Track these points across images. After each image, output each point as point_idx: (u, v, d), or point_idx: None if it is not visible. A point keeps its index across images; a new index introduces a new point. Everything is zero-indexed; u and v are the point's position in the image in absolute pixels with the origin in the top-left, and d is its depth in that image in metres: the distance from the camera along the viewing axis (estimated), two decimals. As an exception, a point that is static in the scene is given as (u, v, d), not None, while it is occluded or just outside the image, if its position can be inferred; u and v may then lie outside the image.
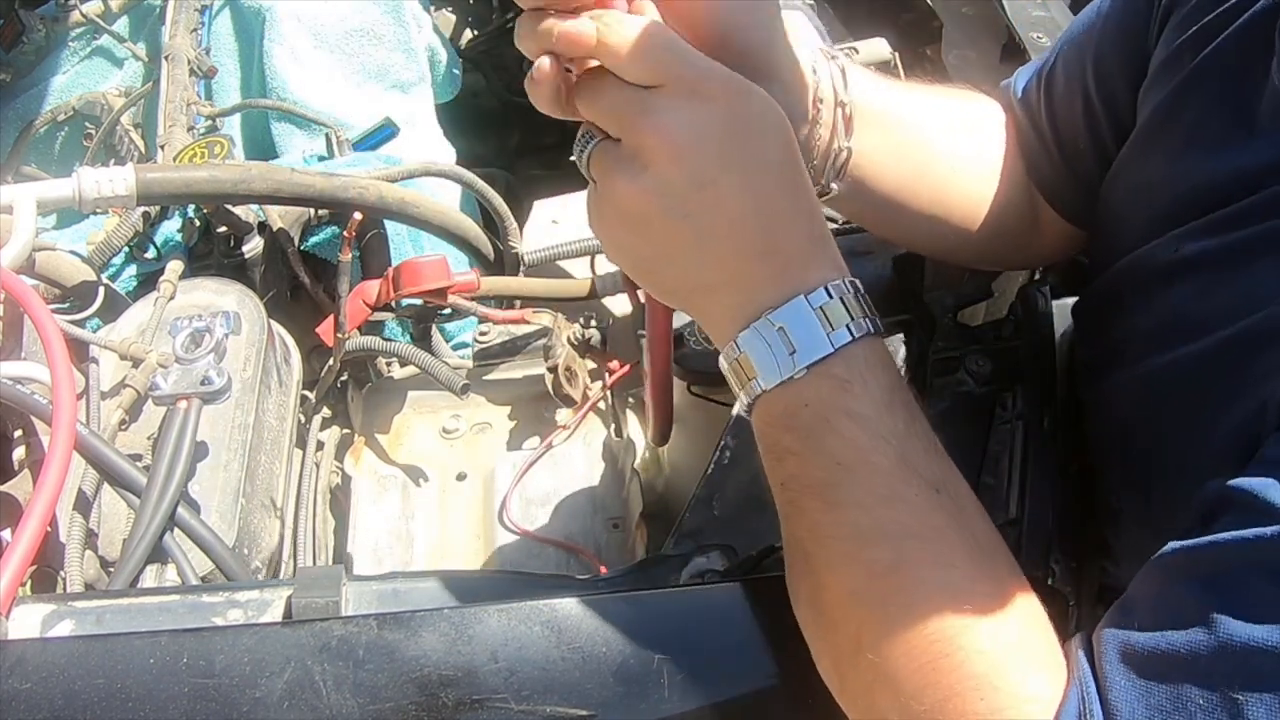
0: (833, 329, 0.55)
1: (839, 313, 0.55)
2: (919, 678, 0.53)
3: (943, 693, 0.53)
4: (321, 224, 1.15)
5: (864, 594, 0.55)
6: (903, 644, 0.54)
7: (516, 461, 1.06)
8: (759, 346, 0.55)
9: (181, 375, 0.85)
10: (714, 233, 0.55)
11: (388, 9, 1.42)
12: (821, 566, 0.57)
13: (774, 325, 0.55)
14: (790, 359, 0.54)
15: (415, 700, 0.58)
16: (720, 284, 0.56)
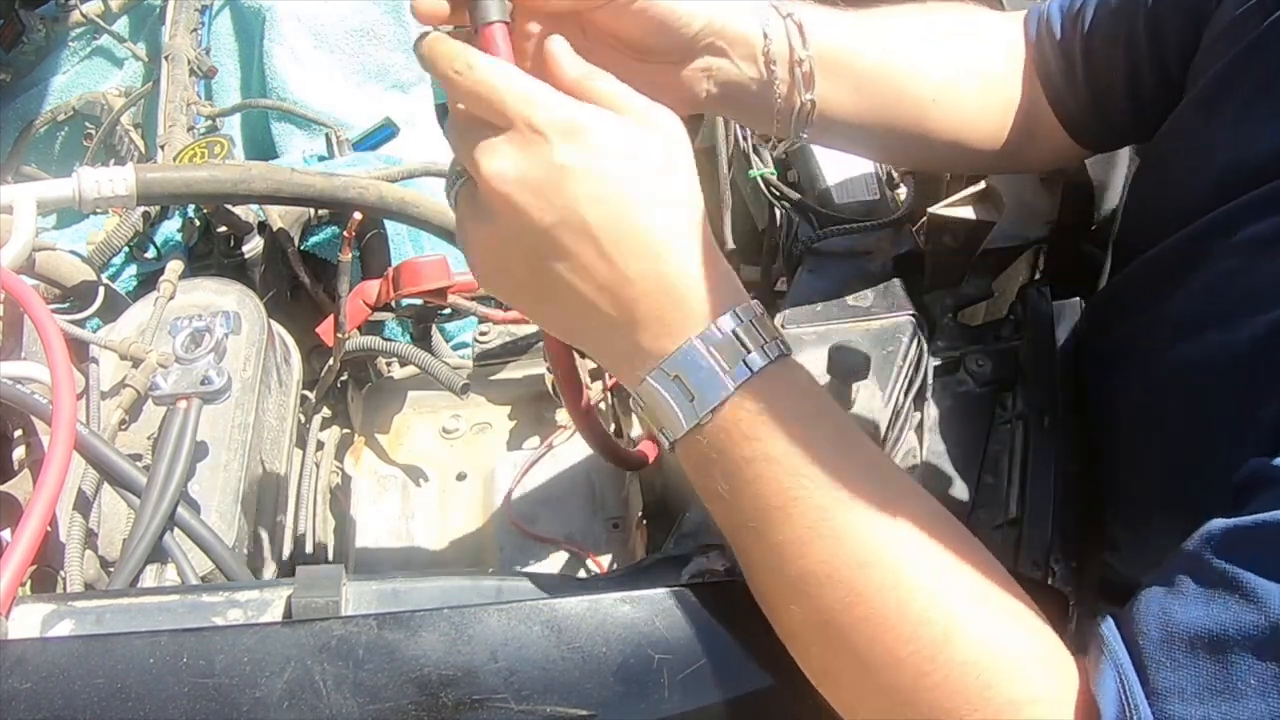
0: (728, 369, 0.52)
1: (734, 349, 0.52)
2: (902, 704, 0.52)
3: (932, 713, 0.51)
4: (321, 224, 1.15)
5: (824, 630, 0.54)
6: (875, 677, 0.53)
7: (516, 461, 1.06)
8: (659, 398, 0.53)
9: (181, 375, 0.85)
10: (578, 279, 0.52)
11: (388, 9, 1.42)
12: (775, 602, 0.57)
13: (669, 374, 0.53)
14: (691, 407, 0.52)
15: (415, 700, 0.58)
16: (603, 331, 0.54)
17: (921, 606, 0.52)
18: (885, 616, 0.52)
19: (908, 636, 0.52)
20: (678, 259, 0.53)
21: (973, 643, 0.52)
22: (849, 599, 0.53)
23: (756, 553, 0.56)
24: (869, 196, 0.99)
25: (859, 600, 0.53)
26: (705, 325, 0.52)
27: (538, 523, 1.01)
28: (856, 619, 0.53)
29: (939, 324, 0.91)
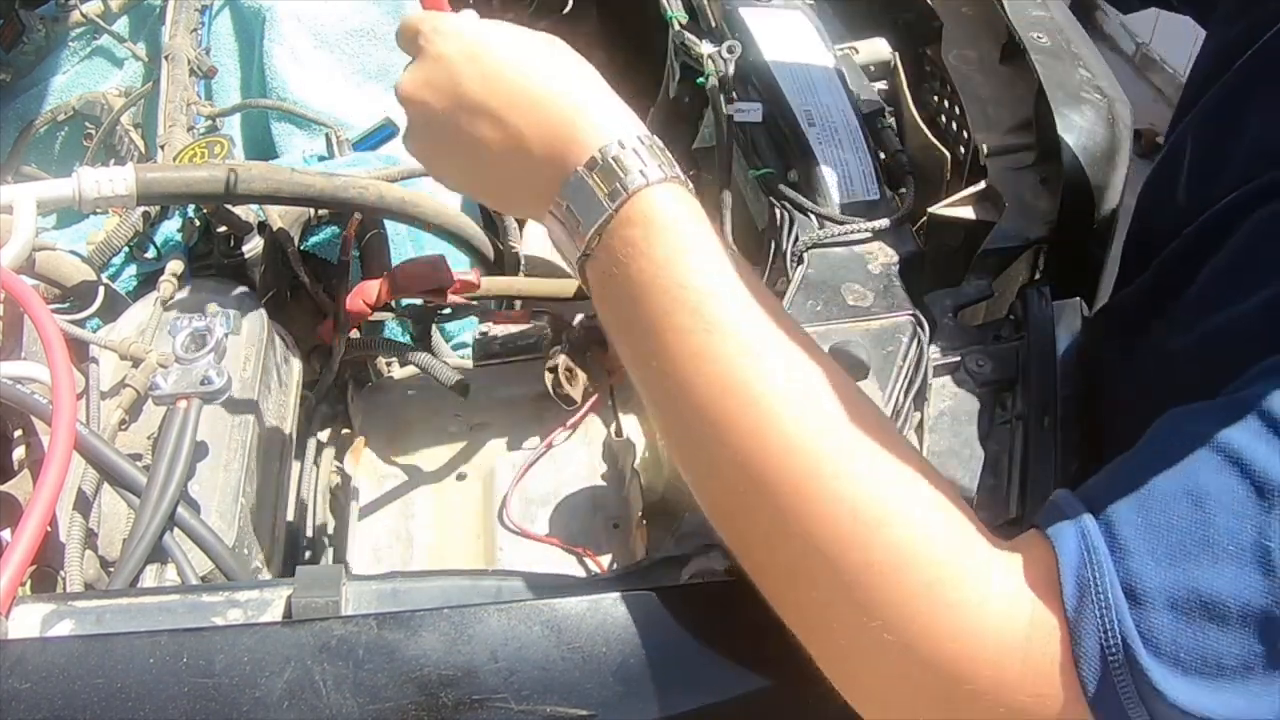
0: (607, 190, 0.55)
1: (613, 173, 0.55)
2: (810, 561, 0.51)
3: (840, 573, 0.50)
4: (321, 224, 1.15)
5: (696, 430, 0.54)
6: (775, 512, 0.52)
7: (516, 461, 1.06)
8: (557, 230, 0.57)
9: (181, 375, 0.85)
10: (485, 148, 0.59)
11: (388, 9, 1.42)
12: (676, 432, 0.57)
13: (561, 205, 0.57)
14: (579, 229, 0.56)
15: (415, 700, 0.58)
16: (519, 184, 0.60)
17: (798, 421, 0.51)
18: (767, 429, 0.51)
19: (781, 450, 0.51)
20: (561, 105, 0.58)
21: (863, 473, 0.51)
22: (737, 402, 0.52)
23: (653, 379, 0.56)
24: (869, 196, 0.99)
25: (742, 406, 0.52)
26: (590, 153, 0.56)
27: (537, 523, 1.01)
28: (740, 429, 0.52)
29: (939, 324, 0.91)
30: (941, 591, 0.49)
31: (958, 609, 0.49)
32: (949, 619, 0.49)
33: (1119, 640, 0.46)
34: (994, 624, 0.48)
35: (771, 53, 1.11)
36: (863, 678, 0.53)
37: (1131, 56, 3.85)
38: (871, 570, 0.50)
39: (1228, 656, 0.46)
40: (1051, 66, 1.05)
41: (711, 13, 1.19)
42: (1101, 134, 0.99)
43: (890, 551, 0.50)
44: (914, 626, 0.49)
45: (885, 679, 0.51)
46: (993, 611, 0.49)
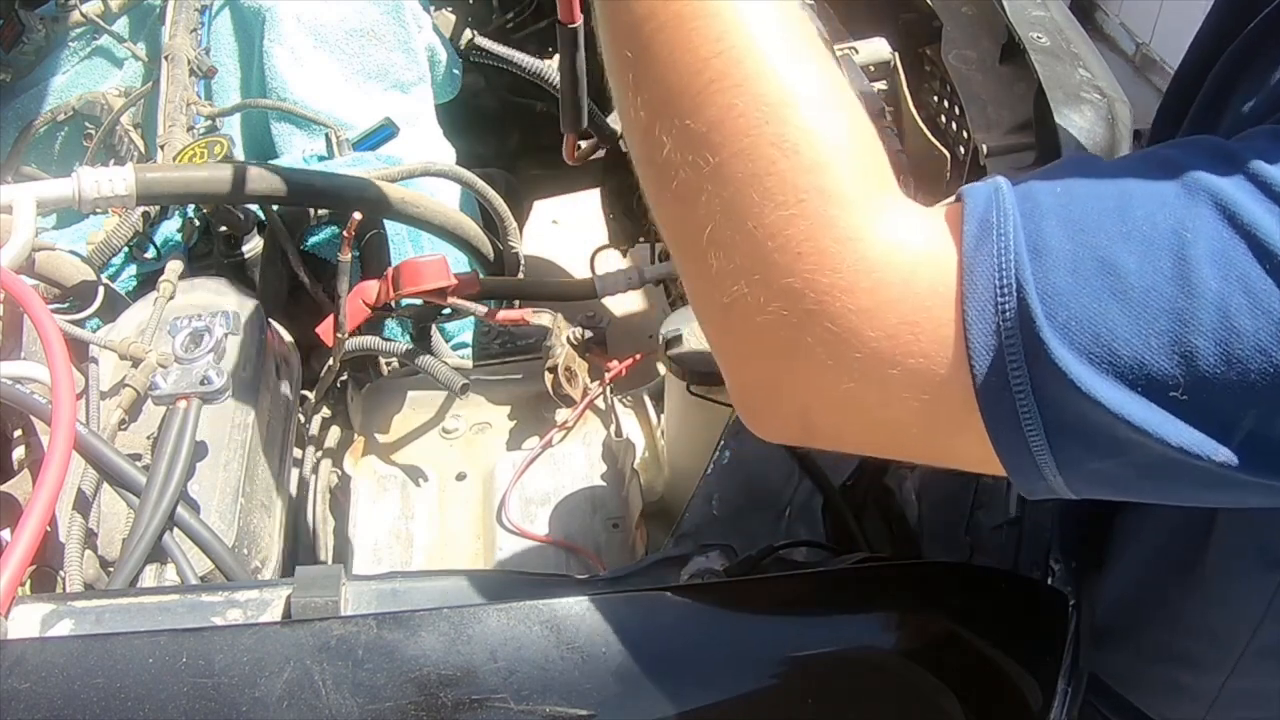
0: None
1: None
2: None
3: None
4: (321, 224, 1.15)
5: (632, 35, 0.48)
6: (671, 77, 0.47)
7: (516, 461, 1.06)
8: None
9: (181, 375, 0.85)
10: None
11: (388, 9, 1.42)
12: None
13: None
14: None
15: (414, 700, 0.58)
16: None
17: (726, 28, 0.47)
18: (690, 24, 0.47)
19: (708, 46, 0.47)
20: None
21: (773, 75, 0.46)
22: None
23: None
24: (869, 196, 0.99)
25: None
26: None
27: (537, 523, 1.01)
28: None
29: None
30: (829, 201, 0.45)
31: (846, 220, 0.45)
32: (832, 223, 0.45)
33: (1013, 285, 0.43)
34: (881, 245, 0.45)
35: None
36: (727, 284, 0.47)
37: (1131, 56, 3.85)
38: (758, 157, 0.45)
39: (1121, 341, 0.42)
40: (1051, 66, 1.05)
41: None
42: (1101, 134, 0.99)
43: (784, 146, 0.45)
44: (793, 227, 0.45)
45: (752, 286, 0.46)
46: (881, 234, 0.45)
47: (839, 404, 0.47)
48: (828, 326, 0.45)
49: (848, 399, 0.46)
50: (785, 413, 0.49)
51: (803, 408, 0.48)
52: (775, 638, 0.62)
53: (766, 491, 0.75)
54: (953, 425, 0.45)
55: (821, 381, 0.46)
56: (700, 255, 0.47)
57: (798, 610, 0.64)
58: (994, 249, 0.43)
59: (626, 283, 1.20)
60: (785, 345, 0.46)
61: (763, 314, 0.46)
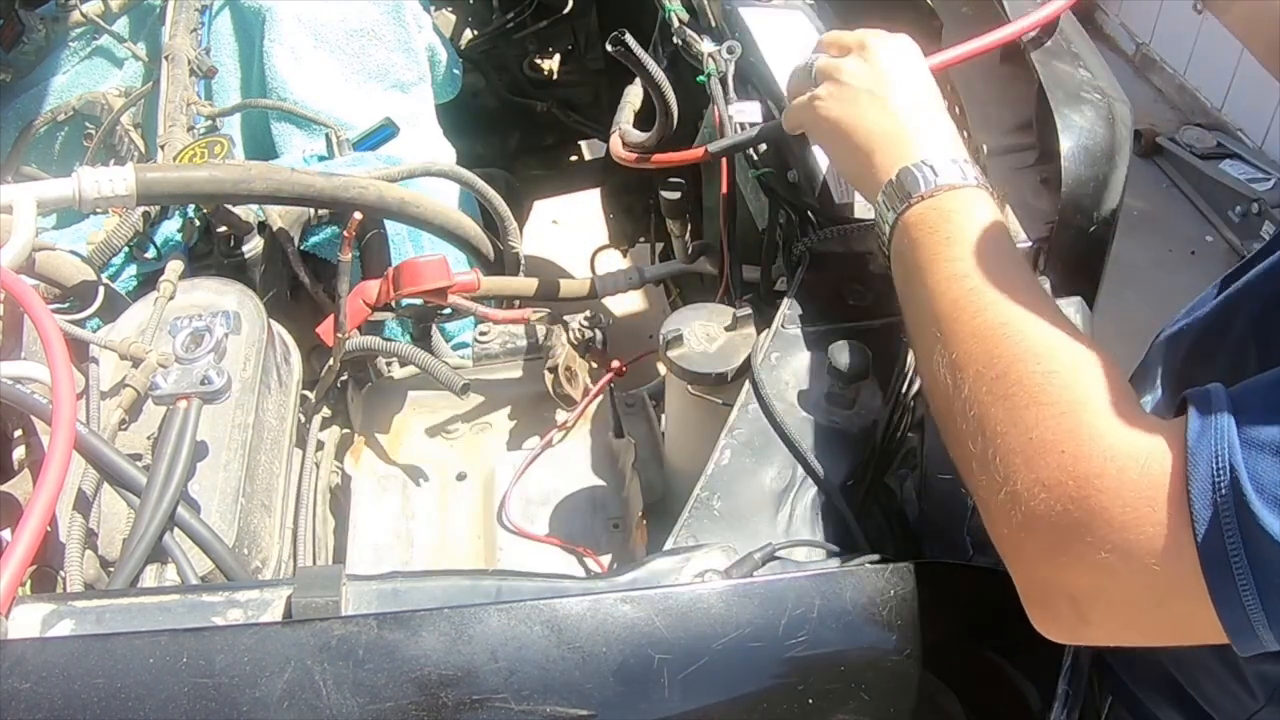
0: (963, 171, 0.76)
1: (968, 169, 0.76)
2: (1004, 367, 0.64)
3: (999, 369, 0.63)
4: (321, 224, 1.15)
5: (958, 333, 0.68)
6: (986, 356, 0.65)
7: (516, 461, 1.06)
8: (913, 174, 0.76)
9: (181, 375, 0.85)
10: (871, 116, 0.82)
11: (388, 9, 1.42)
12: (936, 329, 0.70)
13: (925, 163, 0.77)
14: (934, 180, 0.75)
15: (415, 700, 0.58)
16: (879, 150, 0.80)
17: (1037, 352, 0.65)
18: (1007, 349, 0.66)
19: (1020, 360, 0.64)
20: (924, 114, 0.82)
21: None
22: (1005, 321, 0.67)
23: (918, 300, 0.73)
24: (869, 196, 0.99)
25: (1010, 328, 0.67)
26: (942, 152, 0.78)
27: (537, 523, 1.01)
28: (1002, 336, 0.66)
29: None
30: (1085, 411, 0.60)
31: (1096, 425, 0.59)
32: (1087, 427, 0.60)
33: (1226, 467, 0.54)
34: (1122, 440, 0.58)
35: (771, 53, 1.11)
36: (1011, 471, 0.61)
37: (1131, 56, 3.85)
38: (1036, 389, 0.62)
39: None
40: (1051, 66, 1.05)
41: (711, 12, 1.19)
42: (1101, 134, 0.99)
43: (1055, 378, 0.62)
44: (1059, 433, 0.60)
45: (1026, 482, 0.60)
46: (1122, 433, 0.58)
47: (1096, 575, 0.57)
48: (1083, 505, 0.57)
49: (1101, 569, 0.57)
50: (1058, 602, 0.60)
51: (1070, 595, 0.59)
52: (775, 638, 0.62)
53: (766, 491, 0.75)
54: (1183, 589, 0.55)
55: (1081, 555, 0.57)
56: (986, 465, 0.63)
57: (798, 610, 0.64)
58: (1211, 444, 0.55)
59: (626, 283, 1.20)
60: (1051, 526, 0.59)
61: (1034, 500, 0.59)
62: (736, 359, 0.88)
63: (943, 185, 0.75)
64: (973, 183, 0.76)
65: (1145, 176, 3.31)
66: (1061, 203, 0.97)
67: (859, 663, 0.64)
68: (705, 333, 0.91)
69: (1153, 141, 3.38)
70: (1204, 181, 3.25)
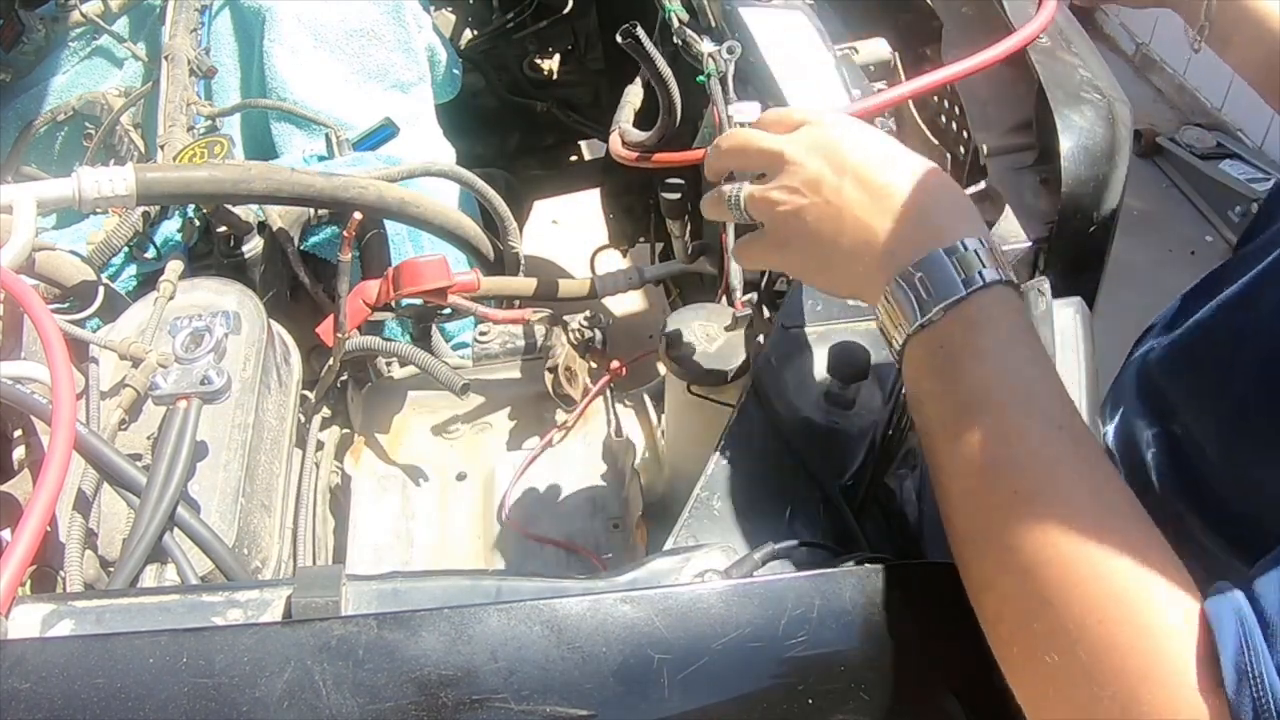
0: (967, 275, 0.61)
1: (971, 262, 0.61)
2: (1042, 609, 0.55)
3: (1068, 622, 0.54)
4: (321, 224, 1.15)
5: (984, 531, 0.58)
6: (1021, 578, 0.56)
7: (516, 461, 1.06)
8: (903, 294, 0.62)
9: (181, 375, 0.85)
10: (858, 206, 0.65)
11: (388, 9, 1.42)
12: (951, 506, 0.60)
13: (915, 274, 0.62)
14: (928, 302, 0.61)
15: (415, 700, 0.58)
16: (869, 248, 0.65)
17: (1073, 519, 0.55)
18: (1043, 523, 0.55)
19: (1059, 543, 0.55)
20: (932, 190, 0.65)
21: (1116, 564, 0.54)
22: (1013, 500, 0.57)
23: (943, 453, 0.61)
24: (869, 196, 0.99)
25: (1020, 503, 0.57)
26: (950, 241, 0.62)
27: (537, 523, 1.01)
28: (1012, 520, 0.57)
29: (939, 324, 0.91)
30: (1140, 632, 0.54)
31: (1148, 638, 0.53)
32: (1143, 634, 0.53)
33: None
34: (1178, 654, 0.53)
35: (771, 52, 1.11)
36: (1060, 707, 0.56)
37: (1131, 56, 3.85)
38: (1087, 629, 0.54)
39: None
40: (1051, 66, 1.05)
41: (711, 12, 1.19)
42: (1101, 134, 0.99)
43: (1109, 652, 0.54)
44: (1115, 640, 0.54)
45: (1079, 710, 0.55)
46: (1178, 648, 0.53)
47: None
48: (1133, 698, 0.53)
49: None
50: None
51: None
52: (775, 638, 0.62)
53: (766, 491, 0.75)
54: None
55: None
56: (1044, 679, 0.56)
57: (798, 610, 0.64)
58: (1251, 693, 0.50)
59: (626, 283, 1.20)
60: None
61: (1095, 702, 0.54)
62: (736, 359, 0.88)
63: (988, 280, 0.61)
64: (1002, 276, 0.62)
65: (1145, 176, 3.32)
66: (1061, 203, 0.97)
67: (859, 663, 0.64)
68: (705, 333, 0.91)
69: (1153, 141, 3.39)
70: (1204, 181, 3.25)
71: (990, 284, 0.61)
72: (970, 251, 0.62)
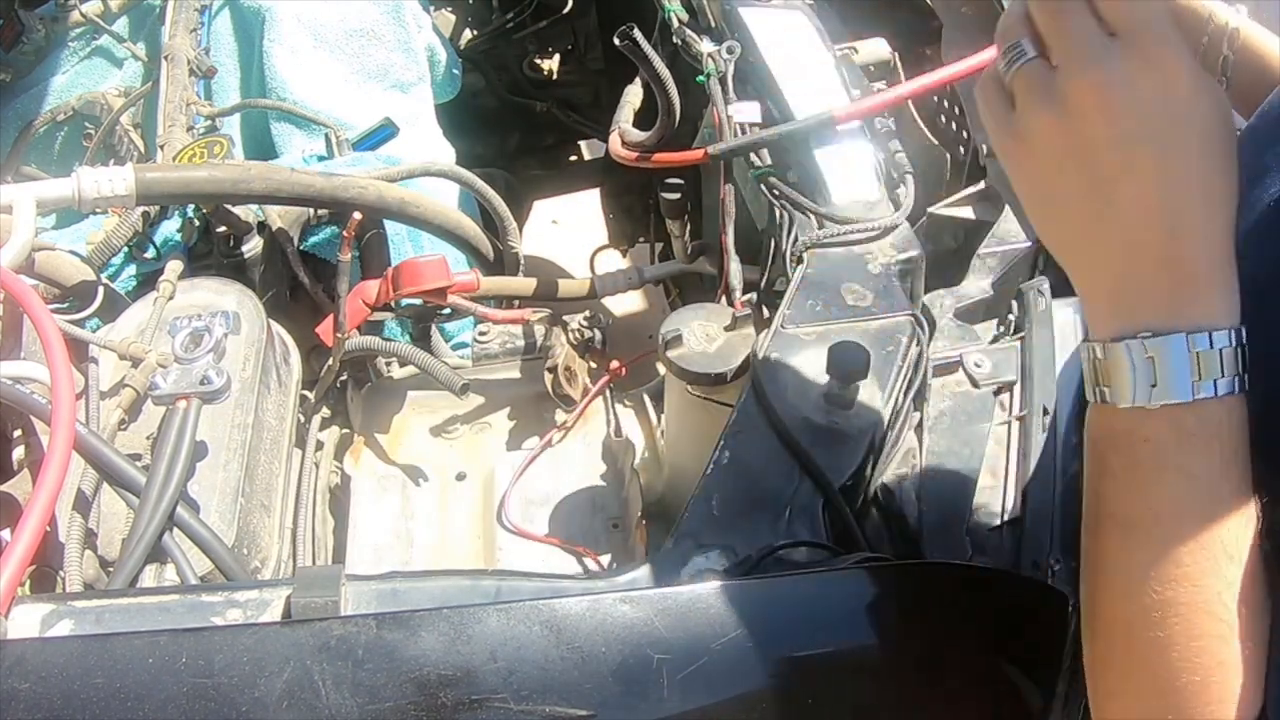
0: (1201, 379, 0.52)
1: (1213, 365, 0.52)
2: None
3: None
4: (321, 224, 1.15)
5: (1128, 633, 0.56)
6: (1150, 693, 0.55)
7: (516, 461, 1.06)
8: (1123, 364, 0.53)
9: (181, 375, 0.85)
10: (1116, 203, 0.52)
11: (388, 9, 1.42)
12: (1097, 590, 0.58)
13: (1146, 351, 0.53)
14: (1149, 390, 0.53)
15: (414, 700, 0.58)
16: (1108, 270, 0.54)
17: (1211, 667, 0.53)
18: (1181, 658, 0.54)
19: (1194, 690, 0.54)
20: (1214, 244, 0.53)
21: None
22: (1164, 628, 0.54)
23: (1111, 541, 0.57)
24: (869, 196, 0.99)
25: (1170, 637, 0.54)
26: (1201, 326, 0.52)
27: (537, 523, 1.01)
28: (1153, 644, 0.55)
29: (939, 324, 0.91)
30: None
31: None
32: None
33: None
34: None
35: (771, 53, 1.11)
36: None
37: (1132, 56, 3.85)
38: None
39: None
40: (1051, 66, 1.05)
41: (711, 12, 1.19)
42: (1101, 134, 0.99)
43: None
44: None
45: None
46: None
47: None
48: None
49: None
50: None
51: None
52: (775, 638, 0.62)
53: (766, 491, 0.75)
54: None
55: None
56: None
57: (798, 610, 0.64)
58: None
59: (626, 283, 1.20)
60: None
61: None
62: (736, 359, 0.88)
63: (1220, 392, 0.52)
64: (1236, 389, 0.53)
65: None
66: (1061, 203, 0.97)
67: (858, 663, 0.64)
68: (705, 333, 0.91)
69: (1153, 141, 3.38)
70: (1204, 181, 3.25)
71: (1222, 396, 0.52)
72: (1216, 351, 0.52)
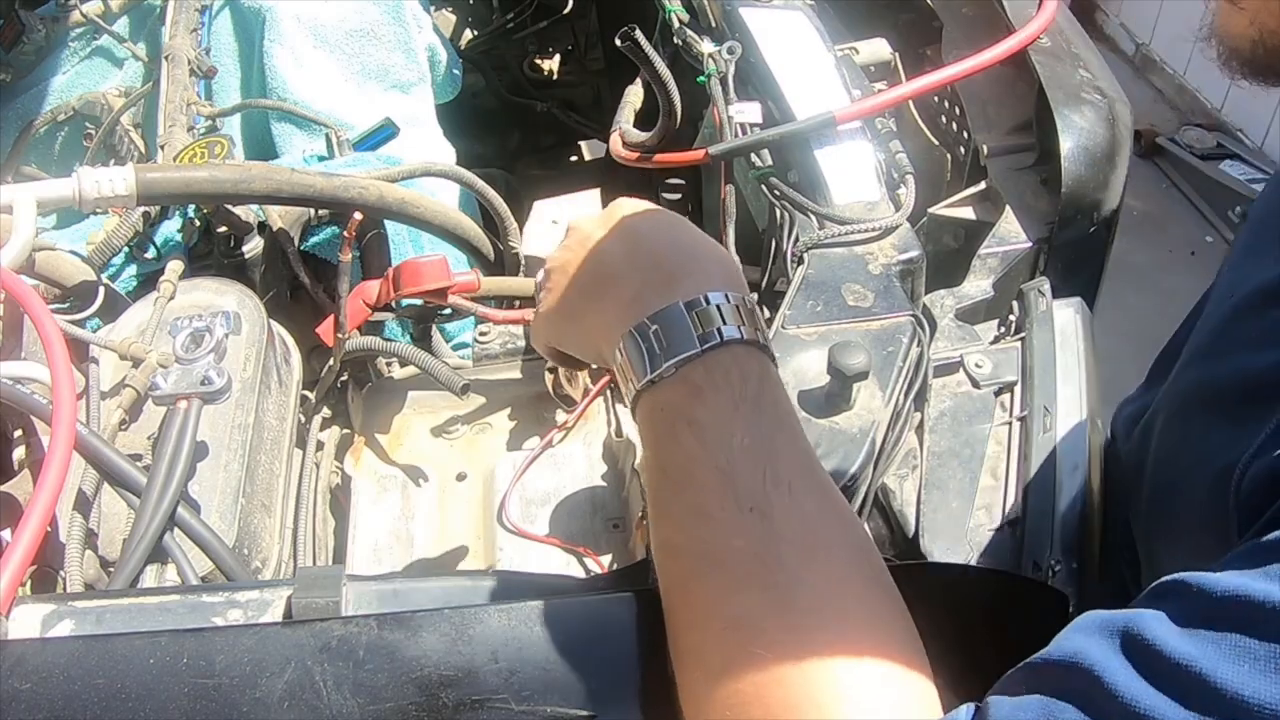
0: (703, 330, 0.55)
1: (712, 317, 0.56)
2: (710, 688, 0.51)
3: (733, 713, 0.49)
4: (321, 224, 1.15)
5: (667, 604, 0.55)
6: (689, 657, 0.53)
7: (516, 461, 1.06)
8: (636, 346, 0.57)
9: (181, 375, 0.85)
10: (615, 255, 0.61)
11: (388, 9, 1.42)
12: (660, 566, 0.57)
13: (651, 326, 0.56)
14: (661, 358, 0.56)
15: (415, 700, 0.58)
16: (616, 298, 0.59)
17: (738, 615, 0.51)
18: (707, 612, 0.52)
19: (722, 637, 0.51)
20: (681, 242, 0.61)
21: (784, 668, 0.49)
22: (686, 582, 0.54)
23: (650, 519, 0.57)
24: (869, 196, 0.99)
25: (693, 588, 0.53)
26: (694, 294, 0.57)
27: (537, 523, 1.01)
28: (682, 603, 0.54)
29: (939, 324, 0.91)
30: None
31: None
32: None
33: None
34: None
35: (771, 53, 1.11)
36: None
37: (1131, 57, 3.85)
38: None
39: None
40: (1051, 67, 1.05)
41: (711, 12, 1.20)
42: (1101, 134, 0.99)
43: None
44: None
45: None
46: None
47: None
48: None
49: None
50: None
51: None
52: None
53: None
54: None
55: None
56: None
57: (798, 610, 0.64)
58: None
59: (626, 283, 1.20)
60: None
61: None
62: (736, 359, 0.87)
63: (726, 338, 0.55)
64: (746, 335, 0.56)
65: (1145, 177, 3.32)
66: (1061, 203, 0.97)
67: (859, 663, 0.64)
68: (705, 333, 0.90)
69: (1153, 142, 3.39)
70: (1204, 182, 3.25)
71: (727, 342, 0.55)
72: (713, 306, 0.56)
